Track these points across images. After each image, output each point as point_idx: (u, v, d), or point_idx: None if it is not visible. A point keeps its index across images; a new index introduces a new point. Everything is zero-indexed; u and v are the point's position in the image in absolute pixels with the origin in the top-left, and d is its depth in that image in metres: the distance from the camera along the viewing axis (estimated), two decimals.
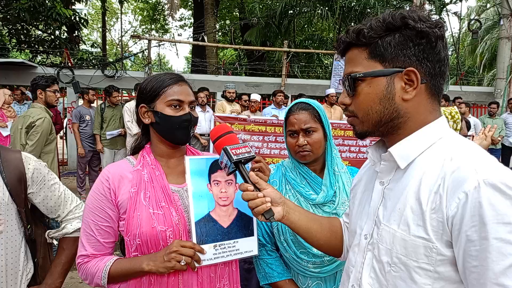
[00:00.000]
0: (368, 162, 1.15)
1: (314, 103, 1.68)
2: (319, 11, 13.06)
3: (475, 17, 17.83)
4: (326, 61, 16.73)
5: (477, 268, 0.80)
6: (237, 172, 1.22)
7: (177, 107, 1.35)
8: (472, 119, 8.24)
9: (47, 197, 1.66)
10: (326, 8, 12.66)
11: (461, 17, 16.88)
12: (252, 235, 1.35)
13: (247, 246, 1.34)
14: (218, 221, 1.29)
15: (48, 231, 1.73)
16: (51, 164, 3.93)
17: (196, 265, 1.25)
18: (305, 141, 1.61)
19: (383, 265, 0.95)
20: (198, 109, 7.08)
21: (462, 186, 0.83)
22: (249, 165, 1.30)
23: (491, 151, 8.27)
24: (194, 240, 1.25)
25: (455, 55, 16.38)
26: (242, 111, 7.42)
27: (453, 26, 26.24)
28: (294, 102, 1.73)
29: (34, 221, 1.69)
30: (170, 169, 1.42)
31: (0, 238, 1.50)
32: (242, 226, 1.33)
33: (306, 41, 15.92)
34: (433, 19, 0.93)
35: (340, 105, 1.05)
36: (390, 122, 0.97)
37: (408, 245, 0.90)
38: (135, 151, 1.47)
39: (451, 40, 18.39)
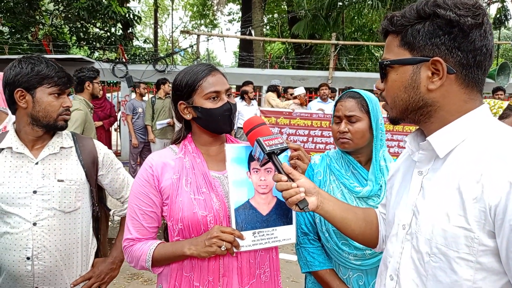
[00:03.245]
0: (406, 152, 1.12)
1: (365, 93, 1.65)
2: (369, 2, 12.65)
3: None
4: (376, 53, 16.19)
5: None
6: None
7: (216, 98, 1.38)
8: None
9: (113, 179, 1.87)
10: None
11: None
12: (291, 223, 1.35)
13: (286, 234, 1.34)
14: (257, 209, 1.31)
15: (113, 210, 1.94)
16: None
17: (235, 250, 1.27)
18: (347, 128, 1.59)
19: (422, 255, 0.93)
20: (243, 103, 7.15)
21: (506, 175, 0.80)
22: (287, 155, 1.30)
23: None
24: (234, 227, 1.28)
25: None
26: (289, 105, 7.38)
27: None
28: (346, 91, 1.72)
29: (99, 201, 1.89)
30: (211, 156, 1.45)
31: (78, 213, 1.71)
32: (281, 214, 1.34)
33: (355, 33, 15.49)
34: (470, 6, 0.88)
35: (375, 90, 1.06)
36: (418, 110, 0.96)
37: (448, 235, 0.88)
38: (177, 141, 1.51)
39: None
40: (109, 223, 2.03)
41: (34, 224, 1.60)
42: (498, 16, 15.06)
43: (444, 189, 0.91)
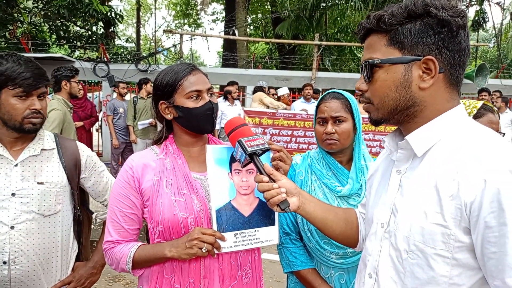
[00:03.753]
0: (385, 152, 1.14)
1: (347, 94, 1.68)
2: (352, 3, 12.79)
3: None
4: (359, 54, 16.38)
5: (495, 254, 0.81)
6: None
7: (197, 97, 1.36)
8: (509, 114, 7.82)
9: (96, 182, 1.84)
10: (360, 0, 12.37)
11: (504, 7, 16.03)
12: (273, 224, 1.35)
13: (268, 235, 1.34)
14: (239, 210, 1.30)
15: (95, 213, 1.90)
16: None
17: (216, 251, 1.27)
18: (333, 129, 1.61)
19: (400, 252, 0.95)
20: (226, 103, 7.12)
21: (481, 173, 0.83)
22: (269, 155, 1.30)
23: None
24: (215, 228, 1.27)
25: (497, 48, 15.61)
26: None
27: (495, 17, 24.96)
28: (327, 91, 1.73)
29: (81, 204, 1.85)
30: (193, 157, 1.44)
31: (58, 216, 1.68)
32: (263, 215, 1.33)
33: (338, 34, 15.63)
34: (455, 8, 0.91)
35: (356, 91, 1.05)
36: (406, 110, 0.97)
37: (425, 232, 0.90)
38: (158, 141, 1.49)
39: (493, 31, 17.51)
40: (92, 226, 1.99)
41: (12, 227, 1.55)
42: (476, 18, 15.43)
43: (421, 187, 0.93)
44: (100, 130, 10.03)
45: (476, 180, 0.83)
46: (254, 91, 7.68)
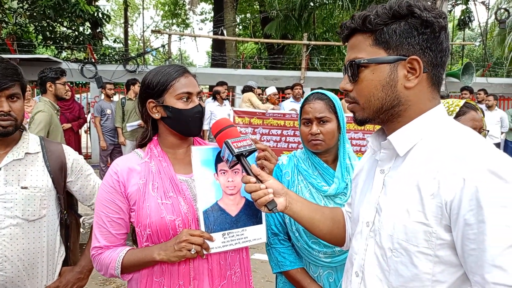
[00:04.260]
0: (369, 151, 1.15)
1: (331, 94, 1.69)
2: (340, 3, 12.86)
3: (504, 6, 17.15)
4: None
5: (475, 250, 0.82)
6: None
7: (187, 99, 1.37)
8: (499, 112, 7.96)
9: (83, 186, 1.82)
10: (348, 0, 12.45)
11: (489, 6, 16.28)
12: (261, 223, 1.35)
13: (256, 234, 1.34)
14: (226, 210, 1.31)
15: (83, 217, 1.88)
16: None
17: (205, 252, 1.27)
18: (318, 130, 1.62)
19: (385, 251, 0.96)
20: (215, 103, 7.10)
21: (460, 171, 0.84)
22: (254, 157, 1.31)
23: None
24: (203, 229, 1.27)
25: (483, 46, 15.84)
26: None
27: (480, 16, 25.34)
28: (311, 92, 1.73)
29: (68, 208, 1.82)
30: (178, 159, 1.44)
31: (43, 221, 1.65)
32: (250, 214, 1.34)
33: (327, 33, 15.71)
34: (437, 10, 0.93)
35: (342, 91, 1.05)
36: (391, 109, 0.98)
37: (408, 231, 0.91)
38: (142, 144, 1.48)
39: (479, 30, 17.78)
40: (82, 229, 1.97)
41: None
42: (462, 17, 15.65)
43: (404, 186, 0.94)
44: (88, 132, 9.94)
45: (455, 179, 0.84)
46: (244, 91, 7.68)
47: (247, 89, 7.67)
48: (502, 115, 7.84)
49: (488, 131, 1.80)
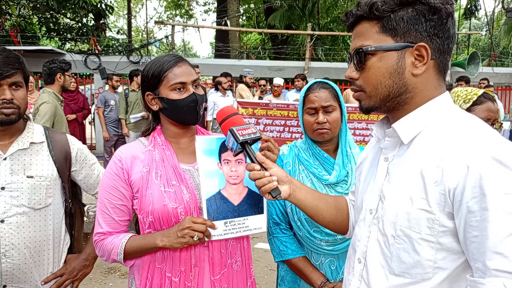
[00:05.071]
0: (374, 140, 1.15)
1: (332, 83, 1.70)
2: None
3: None
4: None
5: (477, 238, 0.82)
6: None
7: (181, 89, 1.37)
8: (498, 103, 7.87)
9: (88, 175, 1.84)
10: None
11: None
12: (262, 212, 1.37)
13: (257, 223, 1.36)
14: (228, 199, 1.32)
15: (88, 206, 1.90)
16: None
17: (206, 239, 1.28)
18: (325, 119, 1.62)
19: (388, 238, 0.97)
20: (218, 94, 7.09)
21: (464, 159, 0.85)
22: (258, 145, 1.31)
23: None
24: (205, 217, 1.28)
25: (489, 36, 15.65)
26: (260, 96, 7.38)
27: (487, 5, 24.99)
28: (312, 81, 1.73)
29: (73, 197, 1.85)
30: (181, 149, 1.45)
31: (49, 209, 1.68)
32: (252, 204, 1.35)
33: (331, 24, 15.58)
34: None
35: (348, 79, 1.05)
36: (398, 97, 0.97)
37: (411, 218, 0.91)
38: (146, 132, 1.50)
39: (485, 19, 17.54)
40: (86, 218, 1.99)
41: (2, 221, 1.55)
42: (469, 6, 15.44)
43: (408, 174, 0.95)
44: (93, 123, 9.97)
45: (459, 167, 0.85)
46: (239, 80, 7.64)
47: (237, 79, 7.63)
48: (500, 106, 7.78)
49: (502, 123, 1.81)
